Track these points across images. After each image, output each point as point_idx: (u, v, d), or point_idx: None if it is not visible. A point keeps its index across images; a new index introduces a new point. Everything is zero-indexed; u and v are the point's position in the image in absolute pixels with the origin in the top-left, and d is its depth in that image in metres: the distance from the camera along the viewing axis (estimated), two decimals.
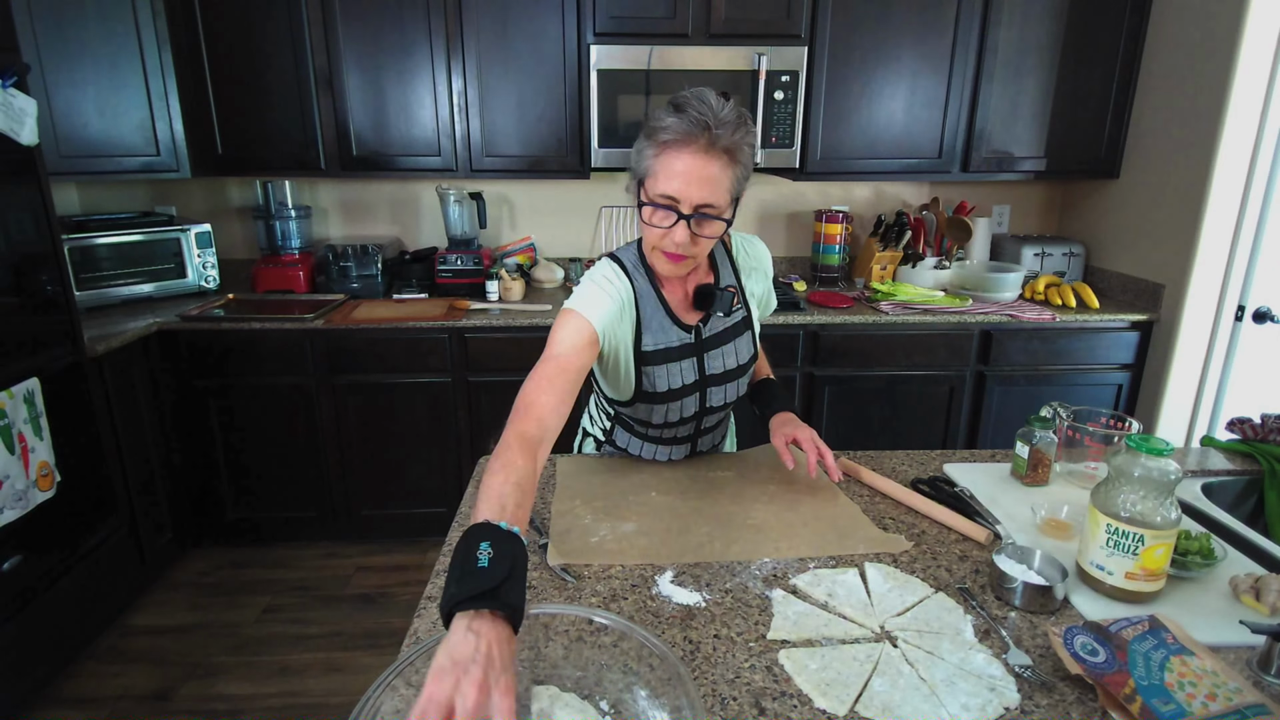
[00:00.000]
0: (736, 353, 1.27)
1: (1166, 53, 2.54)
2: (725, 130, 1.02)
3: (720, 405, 1.31)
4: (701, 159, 1.02)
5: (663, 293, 1.21)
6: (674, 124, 1.02)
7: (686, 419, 1.30)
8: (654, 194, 1.06)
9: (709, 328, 1.25)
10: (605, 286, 1.16)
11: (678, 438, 1.35)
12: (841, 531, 1.13)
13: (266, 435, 2.57)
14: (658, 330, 1.20)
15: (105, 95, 2.42)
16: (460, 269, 2.76)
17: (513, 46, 2.53)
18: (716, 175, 1.03)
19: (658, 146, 1.04)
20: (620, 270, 1.19)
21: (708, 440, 1.42)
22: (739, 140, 1.04)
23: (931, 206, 2.95)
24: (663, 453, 1.37)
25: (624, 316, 1.17)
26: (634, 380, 1.22)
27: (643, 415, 1.28)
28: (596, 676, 0.77)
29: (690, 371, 1.24)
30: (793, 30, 2.53)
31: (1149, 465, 0.91)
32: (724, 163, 1.04)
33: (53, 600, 1.99)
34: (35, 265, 1.97)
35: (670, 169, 1.03)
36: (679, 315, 1.22)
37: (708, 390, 1.27)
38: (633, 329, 1.19)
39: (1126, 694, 0.76)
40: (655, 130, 1.04)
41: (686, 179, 1.03)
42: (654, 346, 1.20)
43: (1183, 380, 2.57)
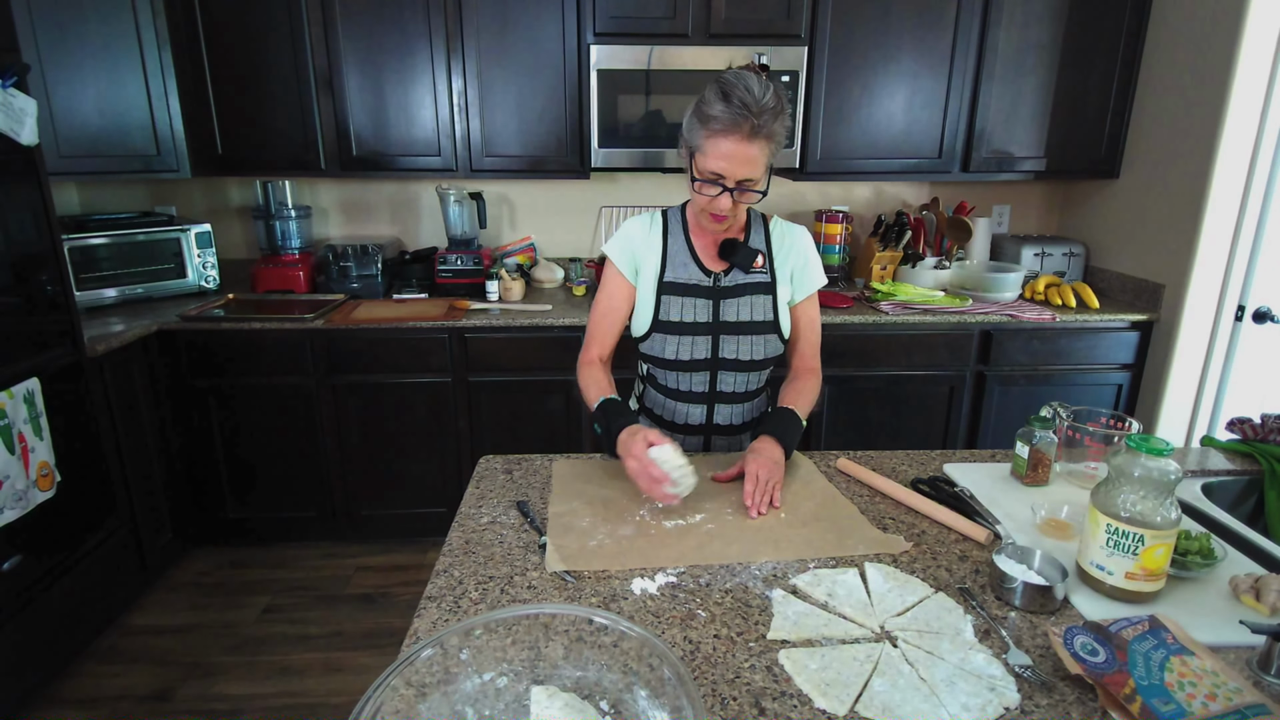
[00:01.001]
0: (752, 308, 1.39)
1: (1166, 53, 2.55)
2: (766, 118, 1.18)
3: (733, 360, 1.39)
4: (744, 144, 1.19)
5: (692, 239, 1.41)
6: (721, 112, 1.18)
7: (699, 361, 1.39)
8: (703, 169, 1.23)
9: (729, 278, 1.39)
10: (624, 229, 1.42)
11: (694, 392, 1.43)
12: (841, 532, 1.13)
13: (266, 435, 2.57)
14: (680, 267, 1.39)
15: (105, 95, 2.42)
16: (460, 269, 2.76)
17: (513, 46, 2.53)
18: (756, 156, 1.20)
19: (707, 130, 1.20)
20: (654, 219, 1.42)
21: (726, 412, 1.45)
22: (777, 126, 1.20)
23: (931, 206, 2.95)
24: (681, 411, 1.45)
25: (646, 251, 1.39)
26: (654, 308, 1.39)
27: (658, 350, 1.40)
28: (596, 676, 0.77)
29: (705, 311, 1.38)
30: (793, 30, 2.53)
31: (1149, 465, 0.91)
32: (762, 145, 1.20)
33: (53, 600, 1.99)
34: (35, 265, 1.97)
35: (717, 150, 1.20)
36: (704, 260, 1.39)
37: (721, 337, 1.38)
38: (659, 262, 1.39)
39: (1126, 694, 0.76)
40: (706, 116, 1.20)
41: (731, 160, 1.20)
42: (674, 279, 1.39)
43: (1183, 380, 2.57)
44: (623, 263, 1.40)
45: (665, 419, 1.48)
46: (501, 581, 1.00)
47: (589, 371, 1.39)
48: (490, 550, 1.08)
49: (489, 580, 1.01)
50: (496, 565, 1.04)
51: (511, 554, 1.07)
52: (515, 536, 1.12)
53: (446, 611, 0.93)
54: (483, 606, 0.95)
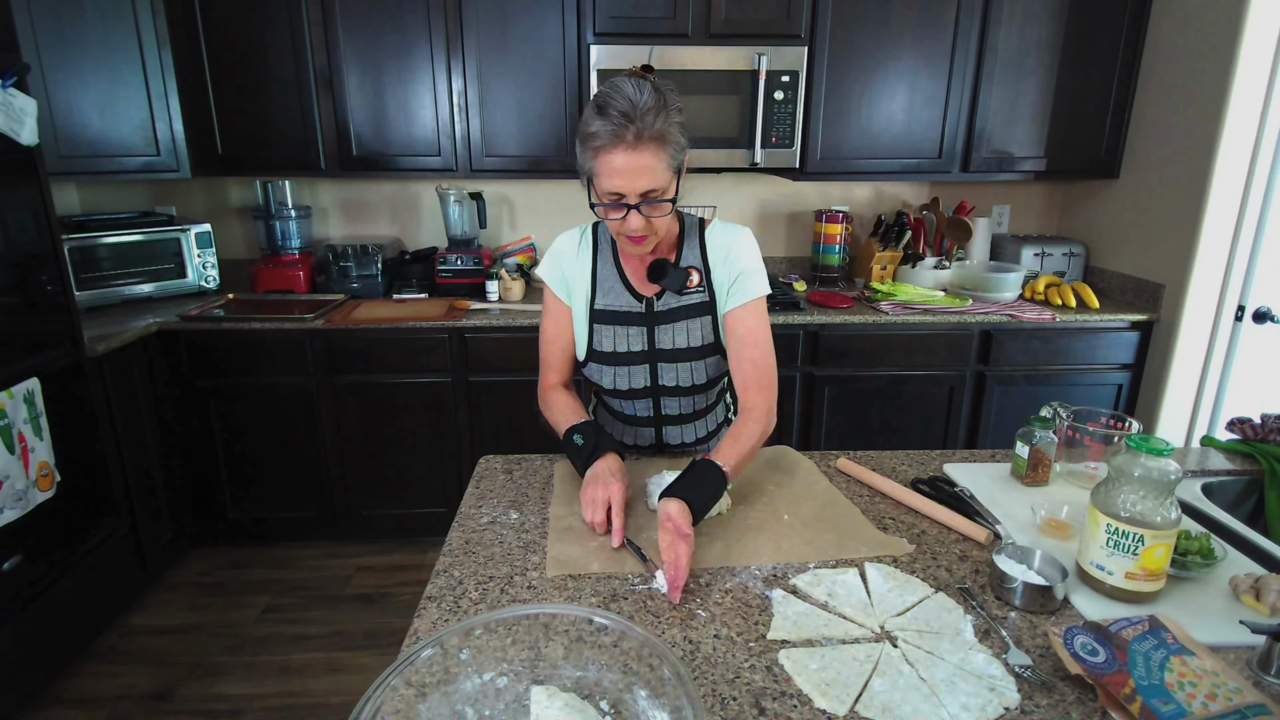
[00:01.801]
0: (688, 333, 1.31)
1: (1166, 53, 2.55)
2: (648, 120, 1.08)
3: (673, 386, 1.34)
4: (632, 154, 1.09)
5: (621, 262, 1.32)
6: (600, 127, 1.09)
7: (638, 391, 1.34)
8: (601, 193, 1.15)
9: (662, 302, 1.30)
10: (554, 250, 1.34)
11: (638, 417, 1.39)
12: (843, 534, 1.13)
13: (266, 435, 2.57)
14: (609, 293, 1.31)
15: (105, 95, 2.42)
16: (460, 269, 2.76)
17: (513, 46, 2.53)
18: (650, 163, 1.10)
19: (592, 151, 1.12)
20: (584, 236, 1.34)
21: (675, 433, 1.41)
22: (663, 125, 1.10)
23: (931, 206, 2.95)
24: (629, 434, 1.42)
25: (576, 275, 1.32)
26: (587, 337, 1.33)
27: (596, 378, 1.35)
28: (596, 676, 0.77)
29: (639, 340, 1.31)
30: (793, 30, 2.53)
31: (1149, 465, 0.91)
32: (654, 149, 1.10)
33: (53, 600, 1.99)
34: (35, 265, 1.97)
35: (608, 169, 1.11)
36: (634, 285, 1.31)
37: (658, 365, 1.32)
38: (589, 288, 1.31)
39: (1126, 694, 0.76)
40: (586, 136, 1.12)
41: (625, 175, 1.10)
42: (604, 306, 1.31)
43: (1183, 380, 2.57)
44: (556, 286, 1.33)
45: (616, 438, 1.43)
46: (501, 581, 1.00)
47: (555, 397, 1.32)
48: (490, 550, 1.08)
49: (489, 580, 1.01)
50: (496, 565, 1.04)
51: (511, 554, 1.07)
52: (515, 536, 1.12)
53: (446, 611, 0.93)
54: (483, 606, 0.95)
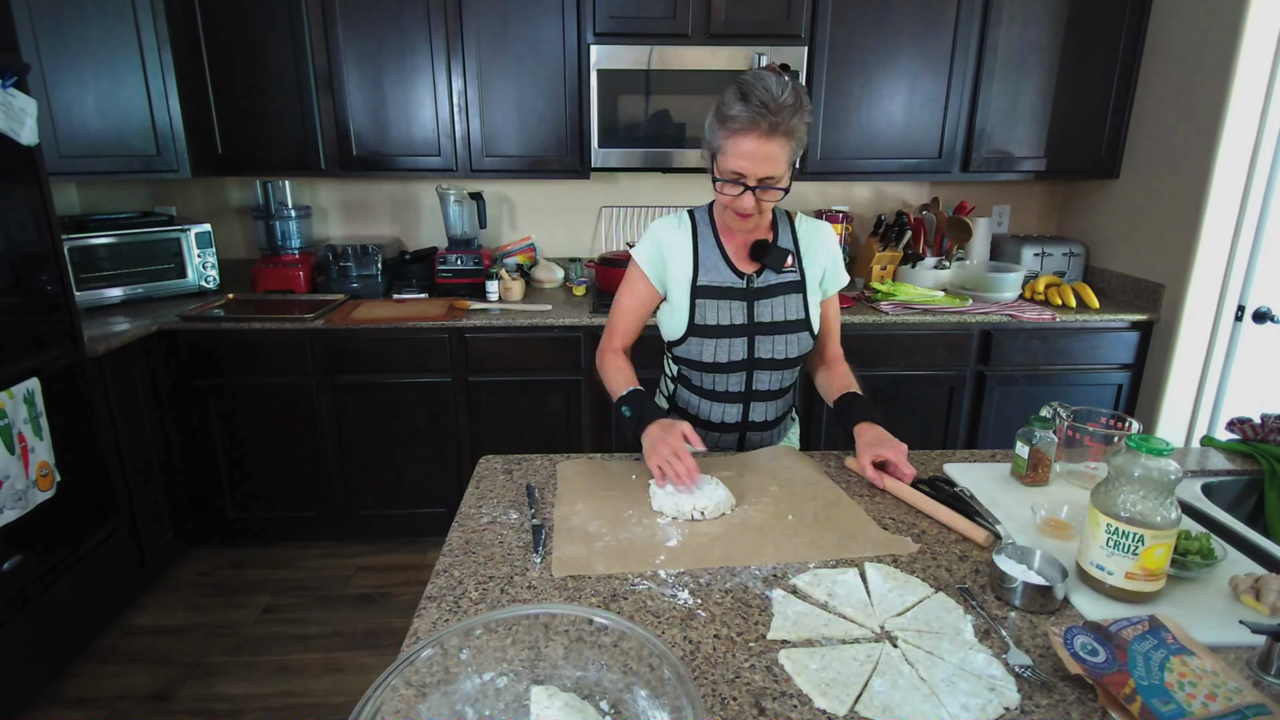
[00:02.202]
0: (786, 307, 1.40)
1: (1166, 53, 2.55)
2: (784, 115, 1.18)
3: (769, 359, 1.40)
4: (763, 142, 1.19)
5: (722, 242, 1.40)
6: (740, 112, 1.18)
7: (735, 364, 1.40)
8: (724, 169, 1.24)
9: (761, 279, 1.39)
10: (651, 233, 1.42)
11: (730, 392, 1.43)
12: (847, 534, 1.13)
13: (266, 435, 2.57)
14: (713, 270, 1.39)
15: (105, 95, 2.42)
16: (460, 269, 2.76)
17: (513, 46, 2.53)
18: (776, 153, 1.21)
19: (726, 130, 1.21)
20: (681, 220, 1.42)
21: (761, 409, 1.45)
22: (796, 122, 1.20)
23: (931, 206, 2.95)
24: (717, 411, 1.45)
25: (676, 256, 1.39)
26: (688, 313, 1.38)
27: (695, 354, 1.40)
28: (596, 676, 0.77)
29: (740, 313, 1.38)
30: (793, 30, 2.53)
31: (1149, 465, 0.91)
32: (782, 142, 1.20)
33: (53, 600, 1.99)
34: (35, 265, 1.97)
35: (738, 150, 1.21)
36: (735, 263, 1.39)
37: (756, 338, 1.39)
38: (690, 267, 1.39)
39: (1126, 694, 0.76)
40: (725, 117, 1.21)
41: (751, 159, 1.20)
42: (708, 282, 1.38)
43: (1183, 380, 2.57)
44: (650, 269, 1.40)
45: (700, 418, 1.48)
46: (501, 581, 1.00)
47: (612, 359, 1.43)
48: (490, 550, 1.08)
49: (489, 580, 1.01)
50: (496, 565, 1.04)
51: (511, 554, 1.07)
52: (515, 536, 1.12)
53: (446, 611, 0.93)
54: (483, 606, 0.95)
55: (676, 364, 1.47)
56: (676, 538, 1.10)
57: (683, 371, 1.47)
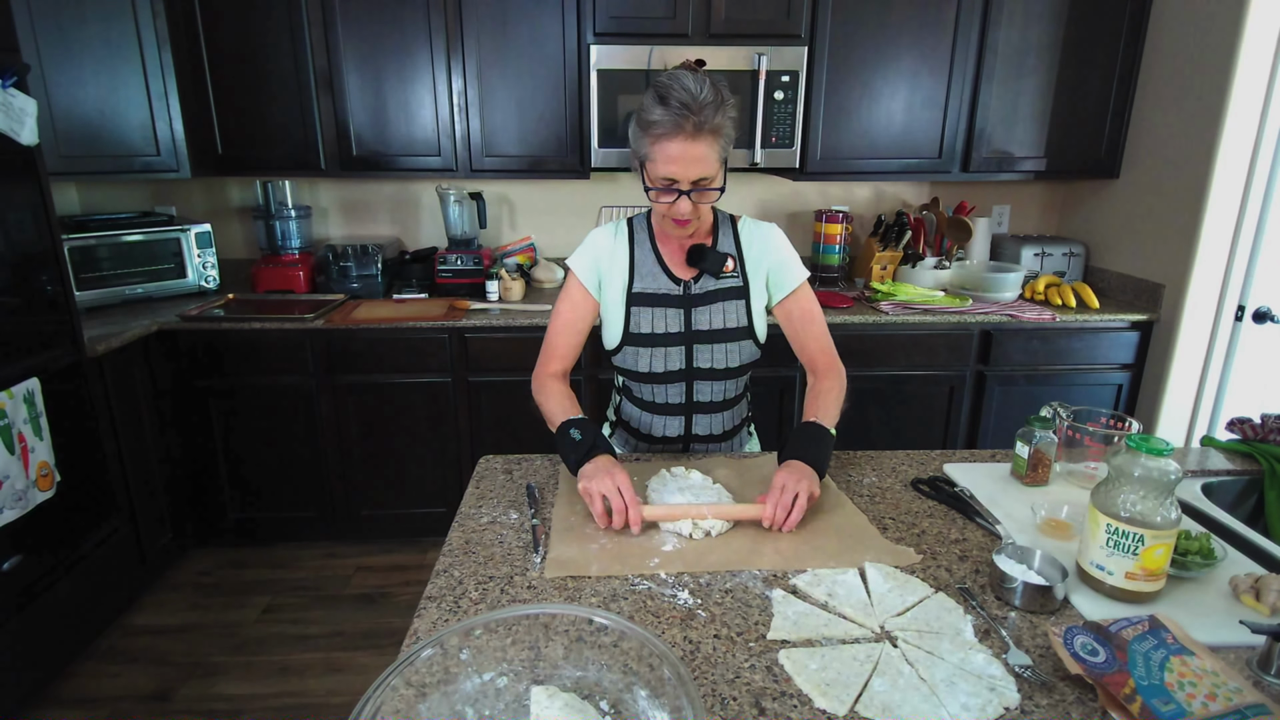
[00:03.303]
0: (724, 314, 1.36)
1: (1166, 53, 2.55)
2: (707, 113, 1.15)
3: (708, 369, 1.36)
4: (689, 143, 1.16)
5: (659, 248, 1.38)
6: (661, 116, 1.16)
7: (673, 374, 1.37)
8: (655, 177, 1.22)
9: (699, 285, 1.36)
10: (588, 241, 1.39)
11: (669, 404, 1.41)
12: (850, 542, 1.11)
13: (266, 435, 2.57)
14: (648, 276, 1.36)
15: (105, 95, 2.42)
16: (460, 269, 2.76)
17: (513, 46, 2.53)
18: (705, 154, 1.18)
19: (651, 137, 1.18)
20: (619, 228, 1.39)
21: (704, 422, 1.42)
22: (720, 119, 1.17)
23: (931, 206, 2.95)
24: (659, 424, 1.43)
25: (612, 263, 1.36)
26: (624, 321, 1.36)
27: (631, 363, 1.38)
28: (596, 676, 0.77)
29: (676, 321, 1.35)
30: (793, 30, 2.53)
31: (1149, 465, 0.91)
32: (710, 141, 1.18)
33: (53, 600, 1.99)
34: (35, 265, 1.97)
35: (665, 155, 1.18)
36: (672, 269, 1.37)
37: (694, 347, 1.36)
38: (626, 274, 1.36)
39: (1126, 694, 0.76)
40: (647, 123, 1.18)
41: (681, 163, 1.18)
42: (642, 289, 1.36)
43: (1183, 380, 2.57)
44: (586, 277, 1.36)
45: (642, 432, 1.45)
46: (501, 581, 1.00)
47: (553, 385, 1.33)
48: (490, 550, 1.08)
49: (489, 580, 1.01)
50: (496, 565, 1.04)
51: (511, 554, 1.07)
52: (515, 536, 1.12)
53: (446, 611, 0.93)
54: (483, 606, 0.95)
55: (619, 375, 1.45)
56: (673, 542, 1.10)
57: (625, 382, 1.45)
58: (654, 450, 1.45)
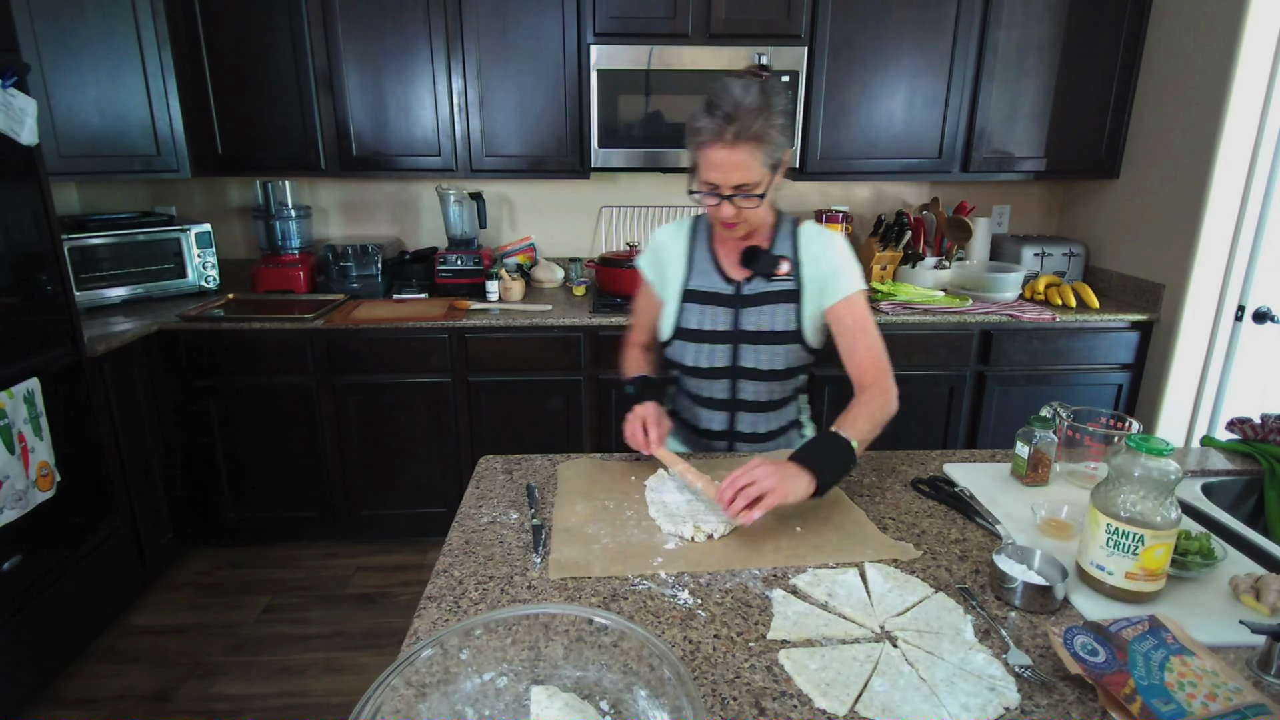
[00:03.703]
0: (773, 317, 1.37)
1: (1166, 53, 2.55)
2: (747, 121, 1.17)
3: (753, 369, 1.38)
4: (728, 151, 1.19)
5: (715, 249, 1.42)
6: (704, 125, 1.20)
7: (718, 370, 1.40)
8: (700, 182, 1.27)
9: (750, 286, 1.38)
10: (652, 240, 1.48)
11: (714, 399, 1.44)
12: (849, 539, 1.12)
13: (266, 435, 2.57)
14: (702, 275, 1.41)
15: (105, 95, 2.42)
16: (460, 269, 2.76)
17: (513, 46, 2.53)
18: (744, 161, 1.20)
19: (696, 143, 1.24)
20: (681, 226, 1.46)
21: (749, 420, 1.44)
22: (762, 126, 1.18)
23: (931, 206, 2.95)
24: (705, 417, 1.47)
25: (671, 261, 1.44)
26: (676, 316, 1.41)
27: (679, 356, 1.43)
28: (596, 676, 0.77)
29: (724, 319, 1.39)
30: (793, 30, 2.53)
31: (1149, 465, 0.91)
32: (750, 149, 1.19)
33: (53, 600, 1.99)
34: (35, 265, 1.97)
35: (708, 162, 1.23)
36: (726, 269, 1.40)
37: (740, 346, 1.38)
38: (683, 271, 1.42)
39: (1126, 694, 0.76)
40: (693, 131, 1.24)
41: (720, 170, 1.22)
42: (695, 286, 1.41)
43: (1183, 380, 2.57)
44: (651, 275, 1.47)
45: (690, 424, 1.49)
46: (501, 581, 1.00)
47: (631, 350, 1.52)
48: (490, 550, 1.08)
49: (489, 580, 1.01)
50: (496, 565, 1.04)
51: (511, 554, 1.07)
52: (515, 536, 1.12)
53: (446, 611, 0.93)
54: (483, 606, 0.95)
55: (672, 367, 1.50)
56: (675, 541, 1.10)
57: (678, 375, 1.50)
58: (701, 443, 1.50)
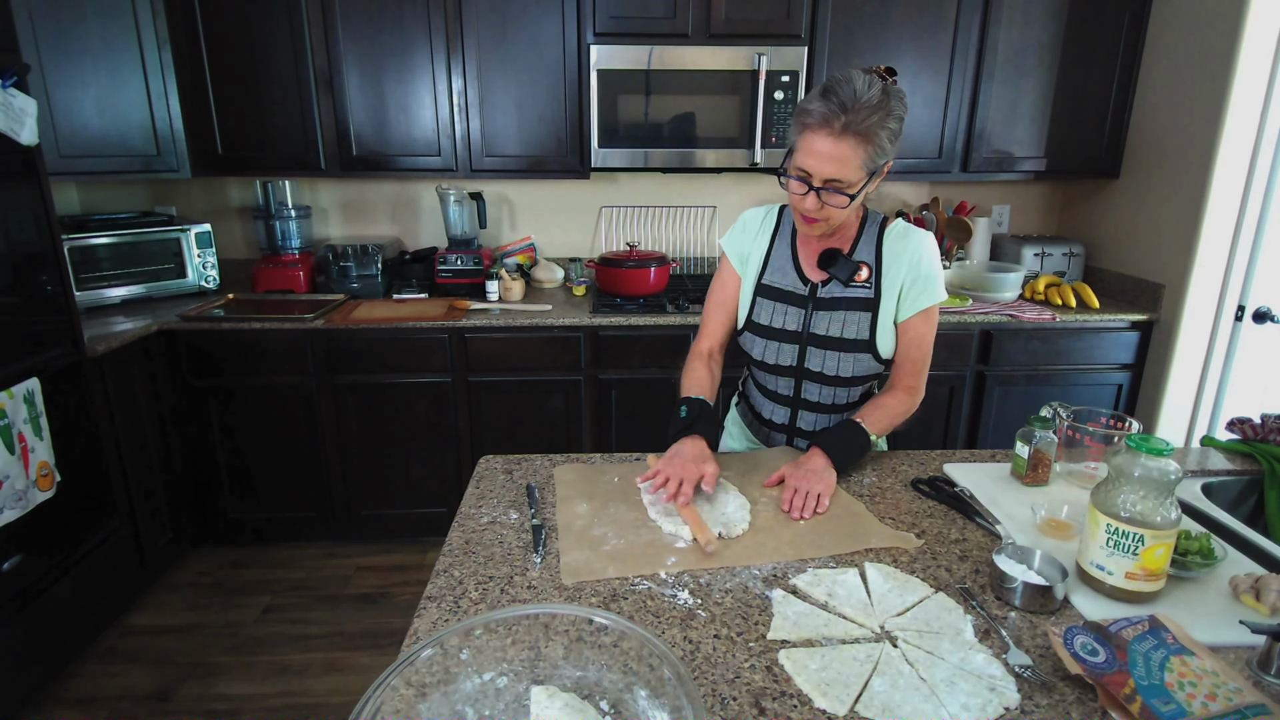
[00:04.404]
0: (844, 324, 1.33)
1: (1166, 53, 2.55)
2: (861, 114, 1.12)
3: (818, 373, 1.36)
4: (833, 141, 1.14)
5: (797, 245, 1.37)
6: (816, 108, 1.15)
7: (784, 368, 1.39)
8: (794, 166, 1.21)
9: (826, 289, 1.34)
10: (741, 221, 1.42)
11: (779, 393, 1.44)
12: (851, 528, 1.13)
13: (266, 435, 2.57)
14: (778, 270, 1.37)
15: (105, 95, 2.42)
16: (460, 269, 2.76)
17: (513, 46, 2.53)
18: (846, 155, 1.15)
19: (801, 126, 1.18)
20: (769, 214, 1.41)
21: (810, 419, 1.43)
22: (874, 123, 1.13)
23: (931, 206, 2.95)
24: (768, 409, 1.47)
25: (754, 246, 1.39)
26: (749, 307, 1.39)
27: (748, 347, 1.42)
28: (596, 676, 0.77)
29: (795, 320, 1.36)
30: (793, 30, 2.53)
31: (1149, 465, 0.91)
32: (854, 143, 1.14)
33: (53, 600, 1.99)
34: (35, 265, 1.97)
35: (808, 147, 1.17)
36: (804, 268, 1.36)
37: (808, 349, 1.36)
38: (762, 261, 1.38)
39: (1126, 694, 0.76)
40: (802, 111, 1.18)
41: (819, 158, 1.16)
42: (770, 282, 1.37)
43: (1183, 380, 2.57)
44: (734, 254, 1.41)
45: (755, 410, 1.50)
46: (501, 581, 1.00)
47: (694, 364, 1.41)
48: (490, 550, 1.08)
49: (489, 580, 1.01)
50: (496, 565, 1.04)
51: (511, 554, 1.07)
52: (515, 536, 1.12)
53: (446, 611, 0.93)
54: (483, 606, 0.95)
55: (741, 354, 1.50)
56: (685, 539, 1.10)
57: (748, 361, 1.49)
58: (763, 432, 1.50)
